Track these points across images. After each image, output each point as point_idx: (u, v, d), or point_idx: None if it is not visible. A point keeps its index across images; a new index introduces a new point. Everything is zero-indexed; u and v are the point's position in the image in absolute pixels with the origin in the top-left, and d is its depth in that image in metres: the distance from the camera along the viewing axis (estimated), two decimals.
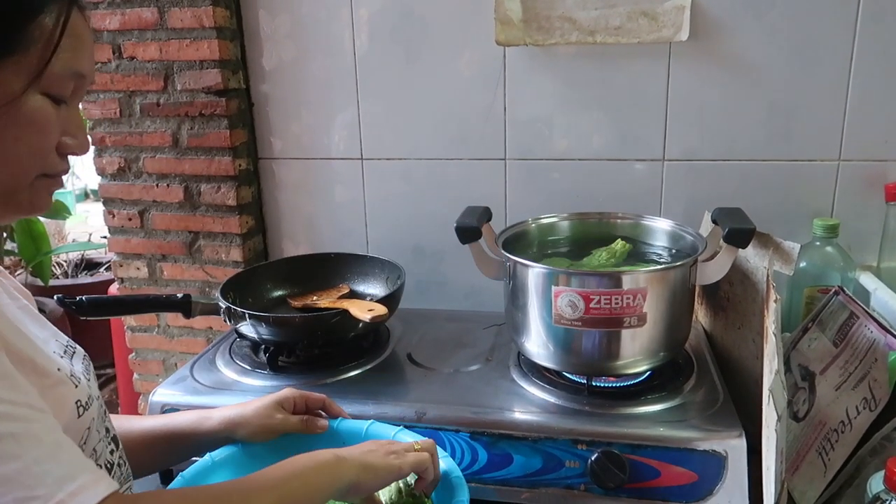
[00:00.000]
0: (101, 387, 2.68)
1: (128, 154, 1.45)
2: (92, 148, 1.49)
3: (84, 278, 2.64)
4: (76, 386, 0.65)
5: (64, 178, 0.65)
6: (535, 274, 0.96)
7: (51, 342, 0.69)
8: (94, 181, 1.39)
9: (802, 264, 1.19)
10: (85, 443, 0.65)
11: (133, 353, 1.60)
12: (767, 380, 0.76)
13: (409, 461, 0.75)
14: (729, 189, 1.28)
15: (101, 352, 2.19)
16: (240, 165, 1.43)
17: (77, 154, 0.63)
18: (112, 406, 2.44)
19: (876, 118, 1.21)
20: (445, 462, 0.82)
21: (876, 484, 0.77)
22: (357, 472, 0.71)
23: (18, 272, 2.32)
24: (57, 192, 0.67)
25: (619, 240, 1.10)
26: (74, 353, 0.73)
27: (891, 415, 0.87)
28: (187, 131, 1.41)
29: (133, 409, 1.80)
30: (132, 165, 1.46)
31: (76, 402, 0.64)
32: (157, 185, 1.46)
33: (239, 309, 1.08)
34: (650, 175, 1.31)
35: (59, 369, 0.65)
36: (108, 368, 2.52)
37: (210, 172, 1.42)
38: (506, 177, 1.37)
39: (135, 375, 1.62)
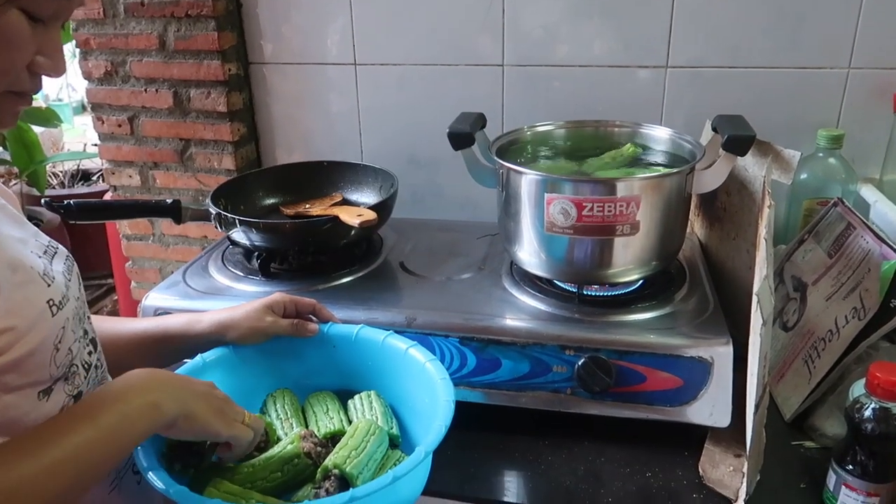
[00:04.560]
0: (102, 296, 2.72)
1: (114, 57, 1.41)
2: (77, 50, 1.45)
3: (80, 188, 2.63)
4: (49, 285, 0.64)
5: (35, 96, 0.63)
6: (527, 181, 0.94)
7: (29, 242, 0.68)
8: None
9: (803, 176, 1.17)
10: (60, 342, 0.64)
11: (129, 262, 1.60)
12: (756, 286, 0.76)
13: (232, 430, 0.70)
14: (732, 98, 1.24)
15: (100, 262, 2.20)
16: (229, 70, 1.38)
17: (51, 76, 0.61)
18: (113, 315, 2.47)
19: (890, 23, 1.16)
20: (433, 365, 0.82)
21: (858, 389, 0.78)
22: (176, 417, 0.65)
23: (14, 182, 2.30)
24: (53, 103, 0.65)
25: (630, 144, 1.08)
26: (56, 253, 0.71)
27: (879, 324, 0.87)
28: (174, 33, 1.36)
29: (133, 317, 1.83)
30: (119, 69, 1.42)
31: (48, 302, 0.63)
32: (146, 91, 1.42)
33: (230, 215, 1.07)
34: (652, 83, 1.27)
35: (31, 267, 0.63)
36: (108, 279, 2.54)
37: (199, 77, 1.38)
38: (503, 84, 1.33)
39: (132, 284, 1.63)
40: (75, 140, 4.13)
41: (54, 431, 0.58)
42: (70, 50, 1.81)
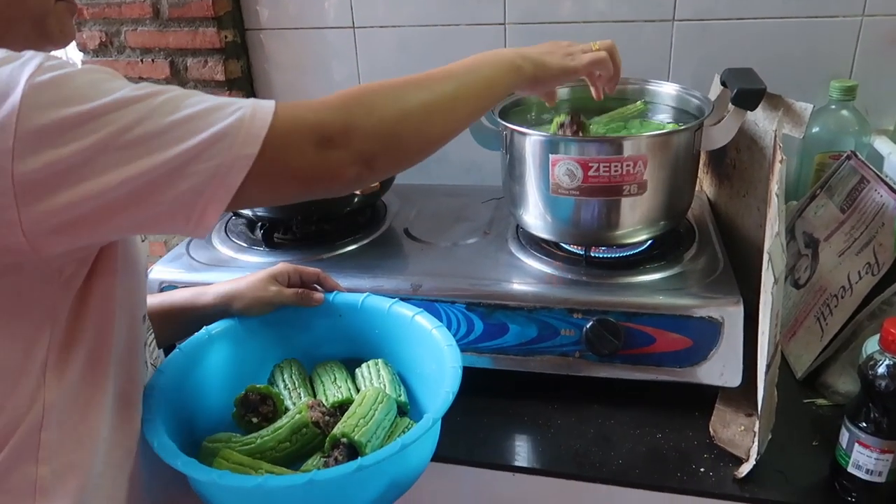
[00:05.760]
0: None
1: (108, 27, 1.38)
2: None
3: None
4: None
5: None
6: (531, 142, 0.92)
7: None
8: None
9: (815, 129, 1.14)
10: (147, 271, 0.74)
11: None
12: (767, 243, 0.74)
13: (584, 62, 0.80)
14: (742, 51, 1.20)
15: None
16: (226, 37, 1.36)
17: None
18: None
19: None
20: (440, 331, 0.82)
21: (871, 346, 0.76)
22: (533, 71, 0.76)
23: None
24: None
25: (640, 102, 1.05)
26: None
27: (893, 280, 0.85)
28: (167, 1, 1.33)
29: None
30: (114, 40, 1.39)
31: None
32: (142, 61, 1.40)
33: None
34: (659, 37, 1.23)
35: None
36: None
37: (195, 45, 1.36)
38: (506, 43, 1.30)
39: None
40: None
41: (448, 75, 0.68)
42: None
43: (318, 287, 0.92)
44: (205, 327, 0.85)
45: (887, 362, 0.70)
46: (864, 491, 0.75)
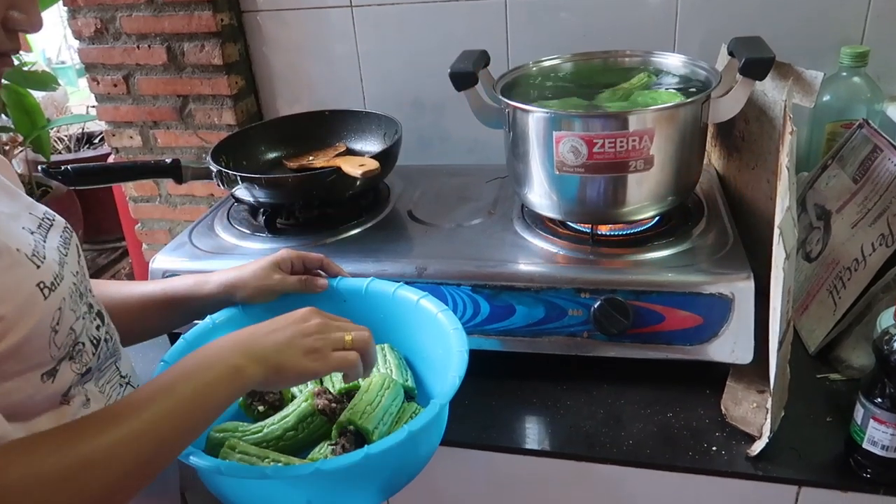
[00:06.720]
0: (118, 259, 2.72)
1: (102, 14, 1.36)
2: (65, 10, 1.40)
3: (86, 151, 2.60)
4: (38, 266, 0.61)
5: (15, 57, 0.61)
6: (534, 119, 0.90)
7: (21, 217, 0.65)
8: None
9: (826, 98, 1.11)
10: (58, 323, 0.62)
11: (139, 224, 1.59)
12: (778, 217, 0.72)
13: (330, 365, 0.66)
14: (749, 18, 1.17)
15: (114, 225, 2.19)
16: (222, 20, 1.33)
17: (27, 31, 0.58)
18: (128, 278, 2.47)
19: None
20: (445, 315, 0.81)
21: (886, 319, 0.75)
22: (263, 376, 0.63)
23: (19, 150, 2.28)
24: (56, 66, 0.62)
25: (645, 73, 1.03)
26: (52, 225, 0.69)
27: None
28: None
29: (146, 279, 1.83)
30: (109, 26, 1.37)
31: (38, 285, 0.60)
32: (139, 47, 1.38)
33: (231, 172, 1.04)
34: (664, 6, 1.20)
35: (17, 249, 0.60)
36: (123, 241, 2.54)
37: (191, 29, 1.33)
38: (507, 18, 1.27)
39: (144, 246, 1.62)
40: (82, 103, 4.07)
41: (132, 404, 0.57)
42: (59, 10, 1.77)
43: (322, 273, 0.90)
44: (209, 316, 0.85)
45: None
46: (880, 467, 0.73)
